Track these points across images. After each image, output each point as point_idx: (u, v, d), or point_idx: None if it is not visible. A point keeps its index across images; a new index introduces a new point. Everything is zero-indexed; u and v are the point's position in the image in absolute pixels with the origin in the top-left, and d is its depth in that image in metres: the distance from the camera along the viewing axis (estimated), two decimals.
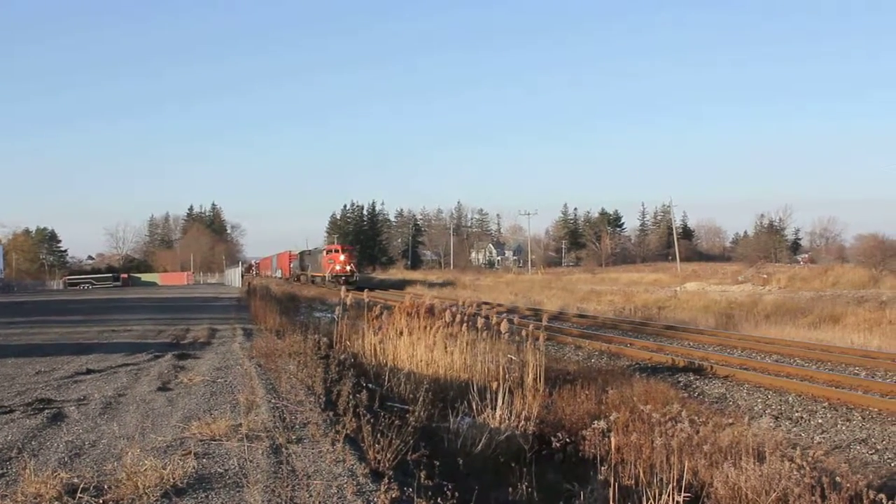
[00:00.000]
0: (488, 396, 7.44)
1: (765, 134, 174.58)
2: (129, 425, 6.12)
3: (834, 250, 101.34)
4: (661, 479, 5.04)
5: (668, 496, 4.78)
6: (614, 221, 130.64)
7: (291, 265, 66.12)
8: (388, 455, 5.00)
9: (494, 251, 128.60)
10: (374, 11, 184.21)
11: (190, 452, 5.09)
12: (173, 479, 4.42)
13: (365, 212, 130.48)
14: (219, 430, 5.69)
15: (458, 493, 4.20)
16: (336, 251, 51.63)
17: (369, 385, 7.87)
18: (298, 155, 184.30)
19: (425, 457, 5.06)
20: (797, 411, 10.35)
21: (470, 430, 6.90)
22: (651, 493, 4.83)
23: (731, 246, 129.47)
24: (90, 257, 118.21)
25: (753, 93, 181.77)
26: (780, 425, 9.44)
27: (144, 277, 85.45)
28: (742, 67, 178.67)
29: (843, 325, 21.90)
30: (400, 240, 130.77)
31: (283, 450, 5.19)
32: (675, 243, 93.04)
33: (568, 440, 6.81)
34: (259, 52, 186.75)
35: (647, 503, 4.83)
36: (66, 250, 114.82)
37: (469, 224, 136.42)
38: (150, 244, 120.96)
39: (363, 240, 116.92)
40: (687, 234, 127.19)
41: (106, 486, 4.32)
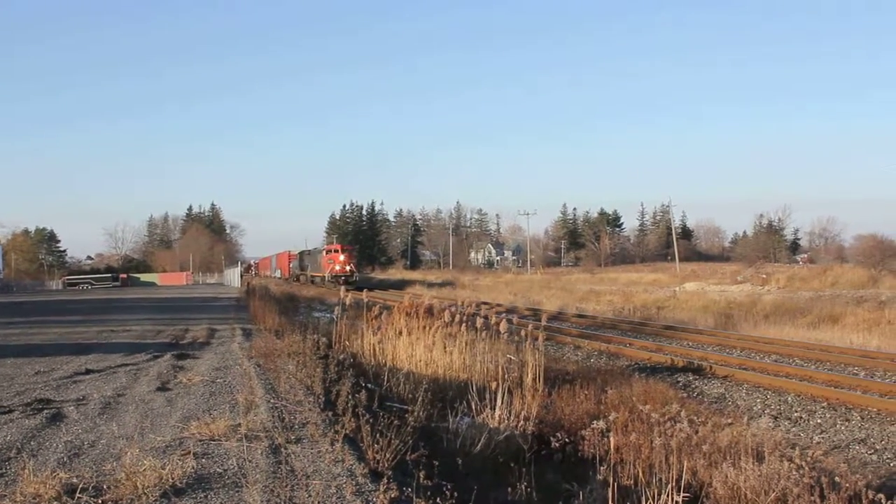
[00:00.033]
0: (487, 396, 7.43)
1: (765, 134, 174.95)
2: (128, 425, 6.12)
3: (833, 250, 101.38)
4: (660, 479, 5.04)
5: (667, 496, 4.78)
6: (613, 221, 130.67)
7: (291, 265, 66.10)
8: (387, 455, 5.00)
9: (493, 251, 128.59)
10: (374, 11, 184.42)
11: (189, 452, 5.09)
12: (172, 479, 4.42)
13: (364, 212, 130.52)
14: (218, 430, 5.69)
15: (457, 493, 4.20)
16: (336, 251, 51.61)
17: (368, 385, 7.87)
18: (298, 155, 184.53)
19: (424, 457, 5.05)
20: (796, 411, 10.35)
21: (469, 429, 6.90)
22: (650, 492, 4.83)
23: (730, 246, 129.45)
24: (89, 257, 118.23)
25: (753, 93, 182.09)
26: (779, 425, 9.45)
27: (143, 277, 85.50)
28: (742, 67, 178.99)
29: (842, 325, 21.91)
30: (399, 240, 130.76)
31: (282, 450, 5.19)
32: (674, 243, 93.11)
33: (567, 440, 6.81)
34: (259, 52, 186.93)
35: (646, 503, 4.83)
36: (65, 250, 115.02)
37: (468, 224, 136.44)
38: (150, 244, 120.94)
39: (362, 240, 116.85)
40: (686, 234, 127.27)
41: (105, 486, 4.32)
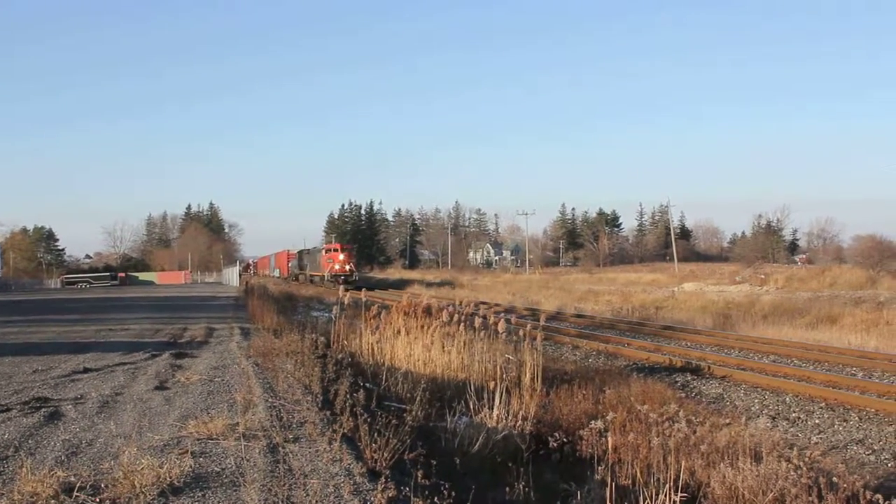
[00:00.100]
0: (485, 396, 7.43)
1: (764, 134, 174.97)
2: (126, 424, 6.12)
3: (831, 251, 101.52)
4: (657, 479, 5.04)
5: (665, 496, 4.78)
6: (612, 221, 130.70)
7: (290, 264, 66.03)
8: (385, 454, 5.00)
9: (492, 251, 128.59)
10: (374, 11, 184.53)
11: (187, 451, 5.08)
12: (170, 477, 4.42)
13: (363, 211, 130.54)
14: (216, 429, 5.69)
15: (454, 493, 4.19)
16: (335, 250, 51.55)
17: (366, 384, 7.87)
18: (298, 155, 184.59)
19: (422, 456, 5.05)
20: (794, 411, 10.36)
21: (467, 429, 6.90)
22: (648, 492, 4.83)
23: (728, 246, 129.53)
24: (88, 256, 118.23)
25: (753, 93, 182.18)
26: (777, 425, 9.45)
27: (142, 276, 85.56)
28: (742, 67, 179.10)
29: (841, 325, 21.91)
30: (398, 239, 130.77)
31: (279, 449, 5.19)
32: (672, 243, 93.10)
33: (565, 440, 6.80)
34: (259, 52, 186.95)
35: (643, 503, 4.83)
36: (63, 249, 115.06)
37: (467, 224, 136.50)
38: (148, 243, 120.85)
39: (361, 239, 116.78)
40: (685, 234, 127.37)
41: (103, 485, 4.32)
